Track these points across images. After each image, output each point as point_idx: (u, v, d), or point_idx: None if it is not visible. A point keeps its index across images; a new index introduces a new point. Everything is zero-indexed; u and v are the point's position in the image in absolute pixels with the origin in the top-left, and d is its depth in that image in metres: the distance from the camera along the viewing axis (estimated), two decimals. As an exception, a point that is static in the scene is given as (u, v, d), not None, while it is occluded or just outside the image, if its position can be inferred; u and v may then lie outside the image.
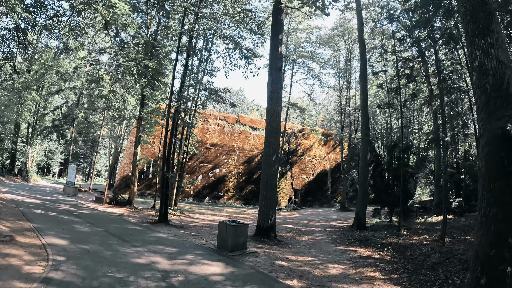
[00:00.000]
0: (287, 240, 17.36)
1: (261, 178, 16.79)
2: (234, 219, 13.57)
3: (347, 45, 40.99)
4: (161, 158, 29.36)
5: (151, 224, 18.43)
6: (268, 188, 16.22)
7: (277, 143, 16.66)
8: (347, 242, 17.41)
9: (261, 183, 16.67)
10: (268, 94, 17.37)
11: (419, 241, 15.89)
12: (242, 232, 12.57)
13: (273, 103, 16.99)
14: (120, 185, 39.40)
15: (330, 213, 36.01)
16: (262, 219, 16.24)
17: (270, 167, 16.33)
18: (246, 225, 12.95)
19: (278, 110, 17.10)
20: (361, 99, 24.17)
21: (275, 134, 16.68)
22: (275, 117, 16.84)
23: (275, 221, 16.63)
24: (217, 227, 13.61)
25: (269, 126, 16.80)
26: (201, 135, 41.50)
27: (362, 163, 22.60)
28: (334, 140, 47.26)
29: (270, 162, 16.36)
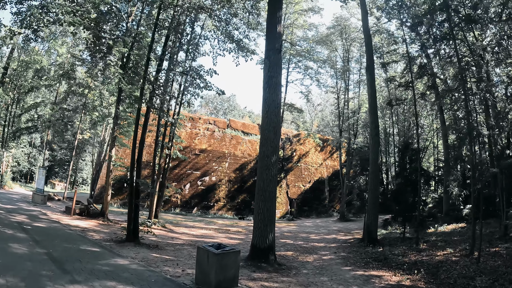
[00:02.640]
0: (289, 262, 13.64)
1: (256, 185, 13.04)
2: (219, 243, 9.57)
3: (345, 45, 37.69)
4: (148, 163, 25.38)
5: (116, 244, 14.46)
6: (265, 197, 12.46)
7: (276, 141, 12.93)
8: (362, 262, 13.84)
9: (256, 192, 12.90)
10: (264, 81, 13.72)
11: (445, 257, 13.54)
12: (231, 262, 8.66)
13: (271, 91, 13.33)
14: (101, 194, 35.35)
15: (330, 223, 32.36)
16: (258, 237, 12.45)
17: (267, 171, 12.58)
18: (237, 252, 9.01)
19: (277, 99, 13.41)
20: (369, 94, 20.68)
21: (274, 129, 12.96)
22: (273, 108, 13.15)
23: (274, 240, 12.85)
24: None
25: (266, 119, 13.11)
26: (189, 140, 37.76)
27: (372, 167, 19.00)
28: (331, 145, 43.78)
29: (267, 164, 12.61)
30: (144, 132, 15.72)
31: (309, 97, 36.14)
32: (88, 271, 9.46)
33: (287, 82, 33.30)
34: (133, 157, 15.50)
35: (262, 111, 13.40)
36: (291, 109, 33.52)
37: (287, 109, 33.03)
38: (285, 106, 32.45)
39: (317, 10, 33.00)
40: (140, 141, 15.56)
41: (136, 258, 11.99)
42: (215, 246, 9.00)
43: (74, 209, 22.54)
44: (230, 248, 8.91)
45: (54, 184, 61.67)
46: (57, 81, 36.12)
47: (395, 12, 23.81)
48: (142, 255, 12.71)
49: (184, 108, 24.94)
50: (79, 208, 23.23)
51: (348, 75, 38.34)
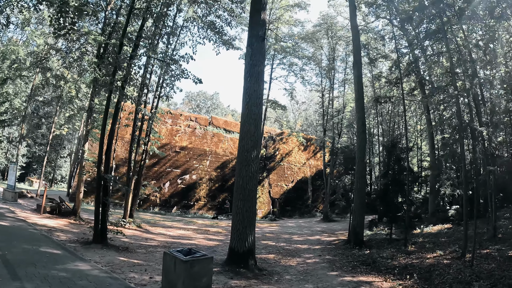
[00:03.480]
0: (270, 266, 12.50)
1: (235, 182, 11.85)
2: (190, 248, 8.23)
3: (331, 43, 36.74)
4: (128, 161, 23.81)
5: (82, 245, 13.06)
6: (244, 196, 11.26)
7: (257, 134, 11.74)
8: (350, 266, 12.80)
9: (234, 190, 11.70)
10: (246, 70, 12.55)
11: (436, 259, 12.76)
12: (202, 270, 7.40)
13: (253, 80, 12.15)
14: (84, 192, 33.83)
15: (313, 224, 31.27)
16: (236, 240, 11.24)
17: (247, 167, 11.37)
18: (209, 259, 7.75)
19: (259, 89, 12.23)
20: (356, 90, 19.67)
21: (255, 121, 11.77)
22: (255, 99, 11.97)
23: (254, 243, 11.67)
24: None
25: (247, 110, 11.91)
26: (169, 137, 36.33)
27: (359, 166, 17.96)
28: (315, 145, 42.77)
29: (247, 160, 11.41)
30: (114, 122, 14.42)
31: (293, 94, 35.07)
32: (42, 277, 8.19)
33: (271, 78, 32.16)
34: (101, 149, 14.12)
35: (243, 102, 12.20)
36: (275, 106, 32.28)
37: (270, 106, 31.81)
38: (268, 102, 31.29)
39: (303, 6, 31.91)
40: (109, 132, 14.23)
41: (100, 263, 10.70)
42: (184, 252, 7.77)
43: (44, 207, 21.00)
44: (202, 255, 7.69)
45: (32, 181, 59.29)
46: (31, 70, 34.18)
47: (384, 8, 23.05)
48: (108, 258, 11.41)
49: (162, 101, 23.59)
50: (50, 206, 21.67)
51: (333, 74, 37.50)
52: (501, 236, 15.33)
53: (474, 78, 14.64)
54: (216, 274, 10.30)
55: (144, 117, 21.81)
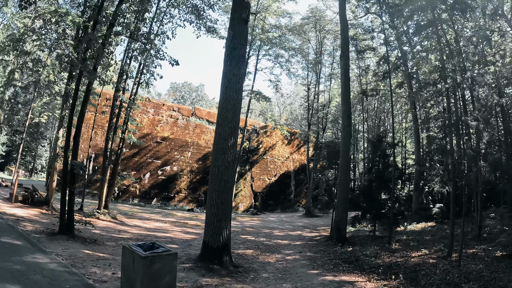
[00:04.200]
0: (247, 262, 11.65)
1: (210, 172, 10.96)
2: (153, 242, 7.23)
3: (318, 37, 35.90)
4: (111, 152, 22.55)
5: (47, 236, 12.02)
6: (220, 187, 10.35)
7: (235, 121, 10.82)
8: (331, 264, 12.00)
9: (209, 180, 10.79)
10: (226, 53, 11.62)
11: (422, 258, 12.18)
12: (164, 267, 6.40)
13: (233, 64, 11.23)
14: (57, 181, 32.54)
15: (295, 219, 30.53)
16: (210, 234, 10.34)
17: (223, 156, 10.46)
18: (173, 256, 6.73)
19: (239, 73, 11.29)
20: (342, 83, 18.91)
21: (233, 107, 10.85)
22: (234, 83, 11.05)
23: (230, 237, 10.78)
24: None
25: (225, 95, 10.98)
26: (151, 127, 35.18)
27: (343, 160, 17.22)
28: (299, 139, 41.99)
29: (223, 148, 10.50)
30: (84, 105, 13.30)
31: (279, 87, 34.11)
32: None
33: (256, 69, 31.18)
34: (68, 134, 13.11)
35: (221, 87, 11.27)
36: (258, 98, 31.24)
37: (254, 97, 30.80)
38: (252, 93, 30.34)
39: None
40: (79, 115, 13.17)
41: (62, 255, 9.73)
42: (146, 246, 6.83)
43: (15, 196, 19.82)
44: (164, 250, 6.72)
45: (11, 170, 57.40)
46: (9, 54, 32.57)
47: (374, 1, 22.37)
48: (71, 251, 10.42)
49: (143, 89, 22.52)
50: (22, 195, 20.49)
51: (320, 68, 36.68)
52: (486, 235, 14.84)
53: (465, 72, 13.95)
54: (186, 271, 9.45)
55: (122, 104, 20.72)
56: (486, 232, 15.28)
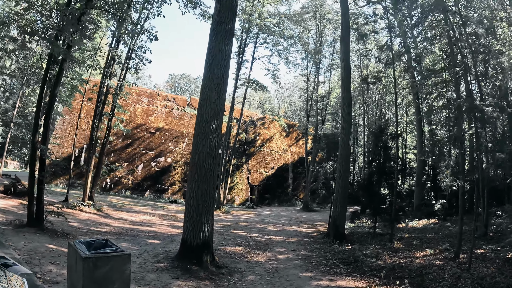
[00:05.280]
0: (234, 262, 10.30)
1: (190, 160, 9.61)
2: (106, 240, 5.75)
3: (318, 26, 34.41)
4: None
5: (14, 228, 10.64)
6: (200, 176, 8.97)
7: (219, 102, 9.40)
8: (327, 265, 10.61)
9: (189, 169, 9.47)
10: (212, 28, 10.21)
11: (427, 260, 10.79)
12: (113, 273, 4.91)
13: (218, 39, 9.82)
14: (46, 173, 31.17)
15: (292, 213, 29.24)
16: (189, 231, 8.98)
17: (205, 141, 9.07)
18: (125, 258, 5.17)
19: (225, 49, 9.85)
20: (342, 68, 17.50)
21: (218, 86, 9.44)
22: (219, 60, 9.63)
23: (212, 234, 9.40)
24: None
25: (209, 73, 9.57)
26: (145, 117, 33.87)
27: (342, 151, 15.83)
28: (297, 131, 40.55)
29: (205, 132, 9.11)
30: (56, 85, 11.90)
31: (277, 76, 32.59)
32: None
33: (253, 58, 29.61)
34: (37, 115, 11.82)
35: (205, 64, 9.85)
36: (255, 86, 29.76)
37: (250, 85, 29.32)
38: (248, 82, 28.87)
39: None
40: (49, 97, 11.86)
41: (21, 250, 8.47)
42: (95, 244, 5.46)
43: (-3, 187, 18.54)
44: (114, 250, 5.29)
45: (7, 162, 56.09)
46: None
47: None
48: (33, 245, 9.13)
49: (131, 74, 21.03)
50: (3, 185, 19.19)
51: (320, 58, 35.17)
52: (493, 234, 13.66)
53: (477, 54, 12.54)
54: (159, 272, 8.14)
55: (109, 90, 19.33)
56: (492, 231, 14.13)
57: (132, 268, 8.18)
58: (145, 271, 8.10)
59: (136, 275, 7.71)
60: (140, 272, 8.00)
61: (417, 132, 24.47)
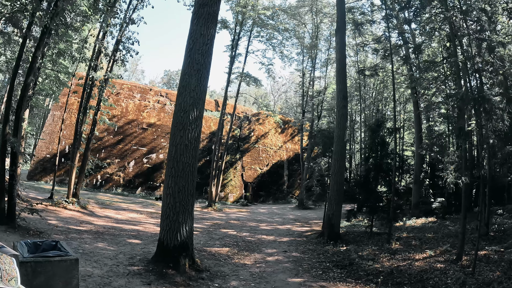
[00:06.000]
0: (217, 265, 9.41)
1: (168, 153, 8.69)
2: (56, 241, 4.83)
3: (315, 20, 33.51)
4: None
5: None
6: (177, 172, 8.05)
7: (199, 89, 8.46)
8: (320, 269, 9.72)
9: (167, 163, 8.57)
10: (194, 11, 9.30)
11: (427, 262, 9.97)
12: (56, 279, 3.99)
13: (200, 23, 8.88)
14: (36, 169, 30.67)
15: (286, 211, 28.34)
16: (166, 231, 8.09)
17: (183, 132, 8.16)
18: (71, 264, 4.13)
19: (208, 33, 8.89)
20: (337, 60, 16.60)
21: (198, 72, 8.50)
22: (201, 44, 8.69)
23: (191, 235, 8.47)
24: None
25: (189, 59, 8.64)
26: (137, 112, 32.92)
27: (337, 146, 14.95)
28: (293, 127, 39.58)
29: (183, 122, 8.19)
30: (29, 73, 11.02)
31: (271, 70, 31.68)
32: None
33: (247, 52, 28.64)
34: (8, 106, 10.91)
35: (185, 50, 8.90)
36: (248, 80, 28.78)
37: (243, 79, 28.37)
38: (241, 76, 27.92)
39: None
40: (22, 86, 10.97)
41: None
42: (43, 246, 4.62)
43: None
44: (60, 253, 4.40)
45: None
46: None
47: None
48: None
49: (118, 66, 20.12)
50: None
51: (316, 53, 34.22)
52: (494, 234, 12.94)
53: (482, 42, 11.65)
54: (131, 276, 7.26)
55: (94, 82, 18.39)
56: (493, 230, 13.40)
57: (101, 272, 7.31)
58: (114, 276, 7.22)
59: (102, 280, 6.86)
60: (108, 276, 7.12)
61: (415, 128, 23.59)
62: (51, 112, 33.97)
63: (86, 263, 7.84)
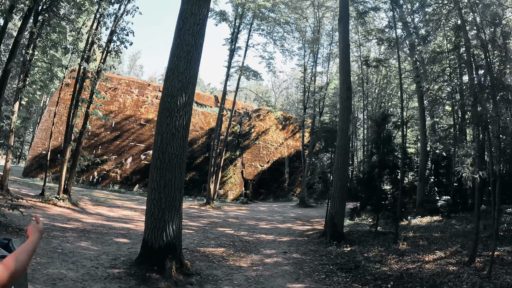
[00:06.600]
0: (210, 267, 8.53)
1: (153, 143, 7.81)
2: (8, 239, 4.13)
3: (316, 14, 32.64)
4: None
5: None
6: (163, 164, 7.20)
7: (189, 73, 7.56)
8: (322, 272, 8.82)
9: (152, 154, 7.71)
10: (184, -11, 8.40)
11: (439, 264, 9.17)
12: None
13: (191, 1, 7.99)
14: (32, 166, 29.79)
15: (287, 209, 27.44)
16: (150, 230, 7.23)
17: (170, 119, 7.29)
18: None
19: (200, 13, 8.00)
20: (340, 50, 15.73)
21: (188, 54, 7.61)
22: (191, 25, 7.81)
23: (179, 234, 7.60)
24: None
25: (178, 40, 7.77)
26: (135, 108, 32.10)
27: (341, 140, 14.06)
28: (294, 124, 38.64)
29: (171, 108, 7.32)
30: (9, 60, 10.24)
31: (272, 64, 30.78)
32: None
33: (247, 45, 27.66)
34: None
35: (175, 31, 8.03)
36: (248, 74, 27.76)
37: (243, 73, 27.40)
38: (241, 70, 26.96)
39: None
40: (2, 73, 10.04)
41: None
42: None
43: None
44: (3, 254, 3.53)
45: (0, 156, 54.37)
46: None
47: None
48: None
49: (112, 57, 19.27)
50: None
51: (318, 48, 33.31)
52: (504, 234, 12.17)
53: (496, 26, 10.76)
54: (109, 281, 6.46)
55: (86, 74, 17.55)
56: (503, 230, 12.66)
57: (76, 275, 6.48)
58: (90, 280, 6.38)
59: (75, 284, 6.05)
60: (82, 280, 6.28)
61: (420, 123, 22.72)
62: (47, 107, 33.20)
63: (62, 265, 7.03)
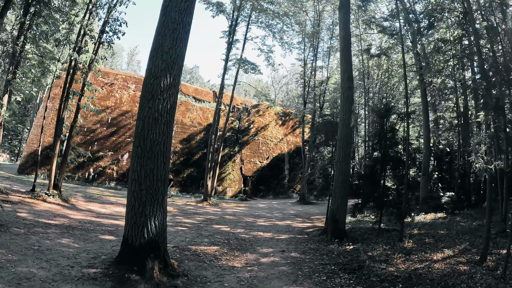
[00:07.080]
0: (200, 268, 7.80)
1: (135, 131, 7.05)
2: None
3: (316, 8, 31.88)
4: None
5: None
6: (144, 152, 6.48)
7: (174, 52, 6.77)
8: (324, 273, 8.06)
9: (133, 141, 6.97)
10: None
11: (448, 264, 8.56)
12: None
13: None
14: (27, 163, 29.05)
15: (287, 206, 26.75)
16: (131, 225, 6.50)
17: (152, 103, 6.56)
18: None
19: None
20: (341, 37, 15.00)
21: (173, 32, 6.82)
22: (178, 1, 7.04)
23: (163, 231, 6.82)
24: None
25: (163, 17, 7.02)
26: (131, 103, 31.33)
27: (342, 132, 13.29)
28: (294, 120, 37.89)
29: (153, 90, 6.58)
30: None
31: (271, 57, 29.84)
32: None
33: (245, 38, 26.76)
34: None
35: (161, 9, 7.26)
36: (247, 67, 26.83)
37: (241, 66, 26.43)
38: (239, 62, 26.08)
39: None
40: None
41: None
42: None
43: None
44: None
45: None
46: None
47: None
48: None
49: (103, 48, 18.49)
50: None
51: (318, 41, 32.55)
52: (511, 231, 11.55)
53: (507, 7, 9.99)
54: (81, 282, 5.79)
55: (77, 65, 16.80)
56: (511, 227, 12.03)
57: (46, 274, 5.77)
58: (61, 280, 5.66)
59: (42, 285, 5.40)
60: (52, 281, 5.56)
61: (423, 117, 21.93)
62: (42, 103, 32.50)
63: (34, 263, 6.33)
